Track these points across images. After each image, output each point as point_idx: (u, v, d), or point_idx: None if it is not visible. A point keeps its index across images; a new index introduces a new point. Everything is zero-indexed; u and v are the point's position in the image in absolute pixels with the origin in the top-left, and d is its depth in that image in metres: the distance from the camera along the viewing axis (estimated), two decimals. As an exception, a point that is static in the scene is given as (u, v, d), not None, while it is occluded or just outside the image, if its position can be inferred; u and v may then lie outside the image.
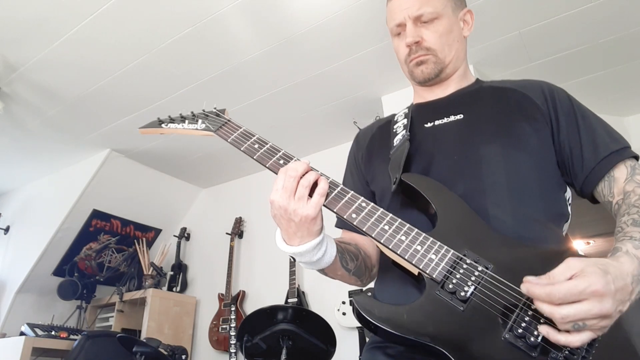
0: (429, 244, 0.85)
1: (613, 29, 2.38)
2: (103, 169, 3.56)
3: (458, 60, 1.13)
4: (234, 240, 3.82)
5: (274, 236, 0.92)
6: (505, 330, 0.76)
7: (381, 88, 2.95)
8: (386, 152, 1.10)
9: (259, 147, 1.00)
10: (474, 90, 1.13)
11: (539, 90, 1.05)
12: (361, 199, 0.90)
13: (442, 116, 1.09)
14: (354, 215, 0.88)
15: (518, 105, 1.04)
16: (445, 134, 1.05)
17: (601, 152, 0.96)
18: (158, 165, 3.88)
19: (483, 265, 0.82)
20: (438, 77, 1.11)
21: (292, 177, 0.85)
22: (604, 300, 0.67)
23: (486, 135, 1.00)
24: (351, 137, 1.33)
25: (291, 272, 3.29)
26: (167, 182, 4.08)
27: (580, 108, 1.03)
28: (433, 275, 0.82)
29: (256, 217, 3.90)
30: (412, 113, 1.15)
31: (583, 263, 0.70)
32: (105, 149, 3.53)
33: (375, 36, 2.48)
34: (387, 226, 0.87)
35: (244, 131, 1.05)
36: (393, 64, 2.71)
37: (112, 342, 2.76)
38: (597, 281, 0.67)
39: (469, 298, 0.79)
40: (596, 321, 0.68)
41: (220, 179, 4.23)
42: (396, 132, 1.13)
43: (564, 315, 0.67)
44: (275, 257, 3.55)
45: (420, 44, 1.08)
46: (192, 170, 4.02)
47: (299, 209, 0.84)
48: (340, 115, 3.21)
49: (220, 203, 4.23)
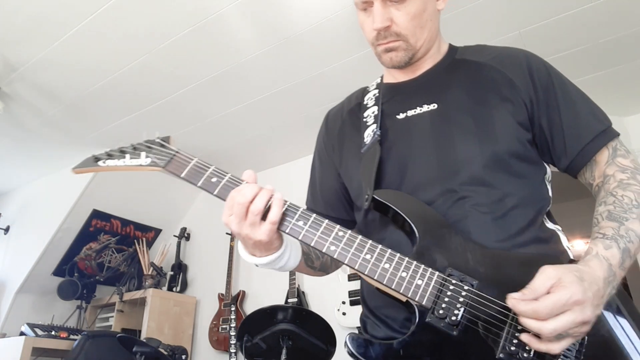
0: (413, 269, 0.82)
1: (613, 29, 2.38)
2: (103, 169, 3.55)
3: (431, 41, 1.03)
4: (234, 240, 3.82)
5: None
6: (499, 349, 0.75)
7: (381, 88, 2.94)
8: (357, 146, 1.05)
9: (217, 181, 0.90)
10: (447, 68, 1.05)
11: (518, 66, 0.99)
12: (337, 227, 0.86)
13: (415, 105, 1.01)
14: (332, 247, 0.84)
15: (494, 88, 0.97)
16: (419, 128, 0.98)
17: (585, 136, 0.93)
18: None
19: (468, 284, 0.80)
20: (408, 63, 1.02)
21: (241, 204, 0.83)
22: (585, 307, 0.70)
23: (461, 128, 0.95)
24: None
25: (291, 272, 3.29)
26: (167, 182, 4.08)
27: (561, 84, 0.98)
28: (422, 302, 0.80)
29: (256, 217, 3.89)
30: (383, 98, 1.08)
31: (559, 271, 0.72)
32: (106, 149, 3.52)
33: (375, 36, 2.47)
34: (369, 255, 0.83)
35: (197, 163, 0.92)
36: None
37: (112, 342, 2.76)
38: (576, 291, 0.69)
39: (460, 321, 0.78)
40: (577, 329, 0.70)
41: (220, 179, 4.23)
42: (367, 123, 1.06)
43: (552, 329, 0.68)
44: (275, 257, 3.54)
45: (389, 29, 0.97)
46: (192, 170, 4.00)
47: (250, 234, 0.84)
48: (340, 115, 3.20)
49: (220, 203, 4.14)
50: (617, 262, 0.79)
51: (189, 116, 3.18)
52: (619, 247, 0.80)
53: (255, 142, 3.55)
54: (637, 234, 0.82)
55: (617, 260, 0.79)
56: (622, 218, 0.84)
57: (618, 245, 0.80)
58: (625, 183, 0.88)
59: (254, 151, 3.68)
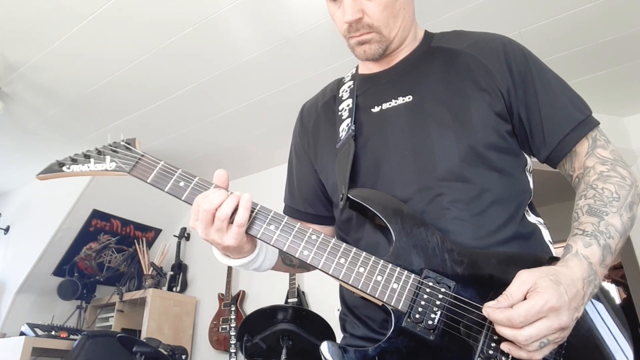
0: (388, 272, 0.81)
1: (613, 29, 2.38)
2: (103, 169, 3.55)
3: (405, 30, 0.99)
4: (234, 240, 3.82)
5: None
6: (476, 353, 0.75)
7: (381, 88, 2.94)
8: (332, 141, 1.02)
9: (185, 186, 0.88)
10: (422, 56, 1.01)
11: (494, 53, 0.95)
12: (310, 231, 0.84)
13: (390, 97, 0.98)
14: (305, 252, 0.82)
15: (470, 77, 0.94)
16: (394, 123, 0.95)
17: (565, 127, 0.90)
18: (158, 165, 3.88)
19: (445, 286, 0.79)
20: (383, 55, 0.98)
21: (206, 210, 0.80)
22: (561, 313, 0.68)
23: (438, 123, 0.91)
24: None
25: (291, 273, 3.29)
26: (167, 182, 4.08)
27: (539, 70, 0.94)
28: (398, 306, 0.79)
29: (256, 217, 3.89)
30: (357, 90, 1.05)
31: (535, 275, 0.70)
32: (105, 149, 3.53)
33: (375, 36, 2.48)
34: (343, 259, 0.82)
35: (163, 167, 0.90)
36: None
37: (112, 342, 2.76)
38: (551, 296, 0.68)
39: (437, 326, 0.77)
40: (557, 334, 0.69)
41: (220, 179, 4.23)
42: (342, 117, 1.03)
43: (527, 337, 0.67)
44: (275, 257, 3.54)
45: (361, 21, 0.92)
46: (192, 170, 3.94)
47: (217, 239, 0.82)
48: (340, 115, 3.20)
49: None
50: (598, 259, 0.76)
51: (189, 116, 3.18)
52: (599, 244, 0.78)
53: (256, 142, 3.55)
54: (617, 229, 0.80)
55: (597, 258, 0.76)
56: (602, 212, 0.81)
57: (598, 242, 0.78)
58: (606, 175, 0.86)
59: (255, 151, 3.69)
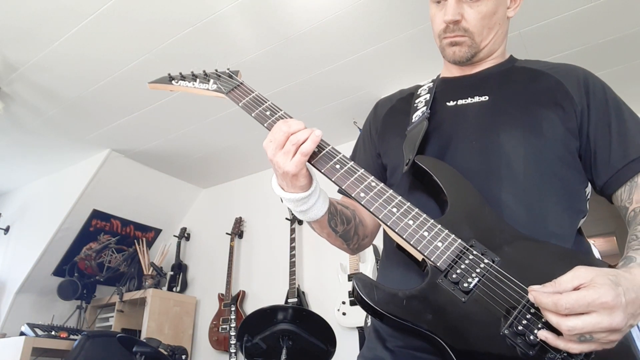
0: (436, 231, 0.83)
1: (613, 29, 2.38)
2: (103, 169, 3.56)
3: (495, 44, 1.06)
4: (234, 240, 3.82)
5: (274, 236, 0.92)
6: (505, 325, 0.74)
7: (381, 88, 2.94)
8: (403, 127, 1.06)
9: (270, 114, 0.95)
10: (504, 70, 1.07)
11: (575, 78, 0.99)
12: (371, 178, 0.88)
13: (467, 96, 1.03)
14: (362, 194, 0.86)
15: (548, 92, 0.98)
16: (467, 115, 1.00)
17: (630, 154, 0.91)
18: (158, 165, 3.88)
19: (489, 258, 0.80)
20: (469, 61, 1.05)
21: (283, 131, 0.84)
22: (614, 313, 0.64)
23: (508, 120, 0.96)
24: (351, 137, 1.32)
25: (291, 272, 3.29)
26: (167, 182, 4.08)
27: (615, 101, 0.97)
28: (437, 263, 0.80)
29: (256, 217, 3.89)
30: (437, 88, 1.10)
31: (593, 273, 0.68)
32: (105, 149, 3.53)
33: (375, 36, 2.48)
34: (395, 209, 0.85)
35: (256, 96, 1.00)
36: (393, 64, 2.71)
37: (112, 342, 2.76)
38: (607, 293, 0.65)
39: (472, 290, 0.77)
40: (605, 335, 0.65)
41: (220, 179, 4.23)
42: (417, 108, 1.08)
43: (570, 327, 0.65)
44: (275, 257, 3.55)
45: (458, 23, 1.00)
46: (192, 170, 4.02)
47: (281, 162, 0.84)
48: (340, 115, 3.20)
49: (220, 203, 4.23)
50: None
51: (189, 116, 3.18)
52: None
53: (256, 142, 3.55)
54: None
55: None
56: None
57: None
58: None
59: (255, 151, 3.69)
